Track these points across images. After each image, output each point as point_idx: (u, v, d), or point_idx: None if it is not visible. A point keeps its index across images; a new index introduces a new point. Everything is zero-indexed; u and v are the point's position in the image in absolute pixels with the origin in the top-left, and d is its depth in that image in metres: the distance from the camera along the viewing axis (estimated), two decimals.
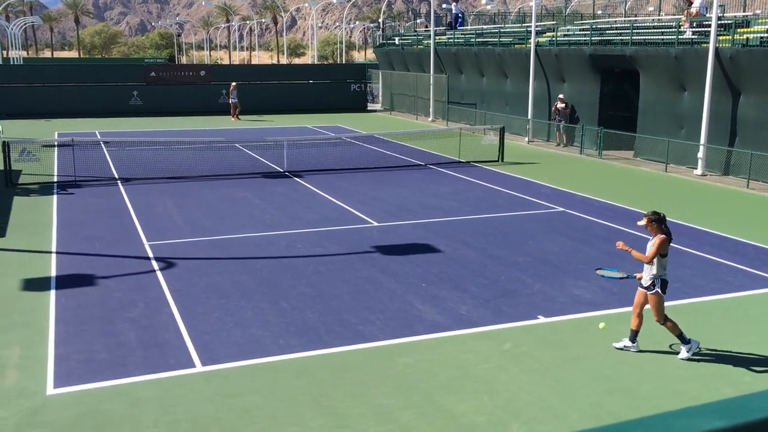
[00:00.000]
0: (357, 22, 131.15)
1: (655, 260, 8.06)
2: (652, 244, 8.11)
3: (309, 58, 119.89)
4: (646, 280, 8.21)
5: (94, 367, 7.85)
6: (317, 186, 18.45)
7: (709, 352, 8.45)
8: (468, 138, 25.36)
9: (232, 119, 34.88)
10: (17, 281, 10.79)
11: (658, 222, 8.16)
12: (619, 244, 8.35)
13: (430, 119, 35.83)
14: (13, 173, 18.38)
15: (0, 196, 16.84)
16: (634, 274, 8.53)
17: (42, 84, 36.38)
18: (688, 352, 8.21)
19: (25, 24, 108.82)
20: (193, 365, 7.95)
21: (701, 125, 20.27)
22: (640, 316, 8.33)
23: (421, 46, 38.53)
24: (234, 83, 35.51)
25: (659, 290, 8.14)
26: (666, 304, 10.03)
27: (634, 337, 8.41)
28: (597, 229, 14.18)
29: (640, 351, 8.38)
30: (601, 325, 8.79)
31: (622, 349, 8.40)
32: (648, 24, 25.77)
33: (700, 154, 20.43)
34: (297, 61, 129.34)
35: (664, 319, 8.21)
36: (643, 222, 8.24)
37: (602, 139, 23.75)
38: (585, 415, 6.97)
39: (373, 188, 18.25)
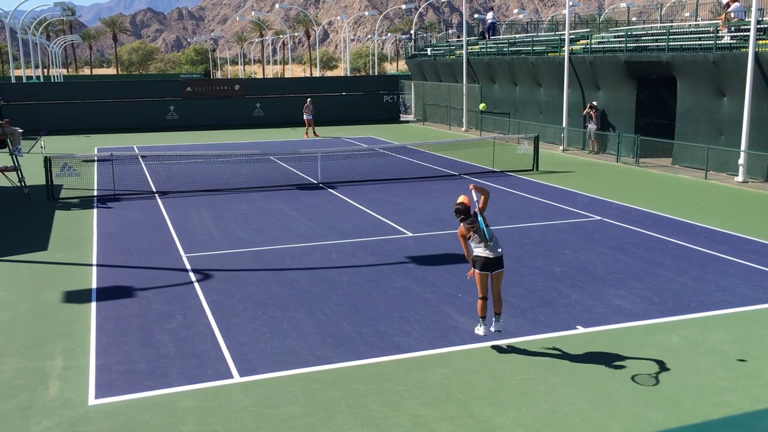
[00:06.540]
0: (389, 34, 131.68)
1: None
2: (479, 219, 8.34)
3: (341, 70, 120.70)
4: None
5: (134, 378, 7.96)
6: (351, 197, 18.50)
7: (752, 363, 8.23)
8: (502, 147, 25.23)
9: (305, 136, 32.99)
10: (59, 293, 11.01)
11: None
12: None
13: (463, 129, 35.75)
14: (54, 188, 18.80)
15: (42, 211, 17.24)
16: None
17: (81, 101, 37.23)
18: (481, 328, 8.60)
19: (65, 42, 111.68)
20: (231, 376, 8.00)
21: (742, 131, 19.89)
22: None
23: (454, 56, 38.51)
24: (309, 99, 33.93)
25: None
26: (710, 313, 9.90)
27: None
28: (635, 238, 13.95)
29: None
30: (482, 105, 8.89)
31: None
32: (684, 29, 25.39)
33: (741, 161, 20.02)
34: (329, 73, 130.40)
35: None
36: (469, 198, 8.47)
37: (639, 146, 23.43)
38: (626, 427, 6.83)
39: (407, 199, 18.24)
